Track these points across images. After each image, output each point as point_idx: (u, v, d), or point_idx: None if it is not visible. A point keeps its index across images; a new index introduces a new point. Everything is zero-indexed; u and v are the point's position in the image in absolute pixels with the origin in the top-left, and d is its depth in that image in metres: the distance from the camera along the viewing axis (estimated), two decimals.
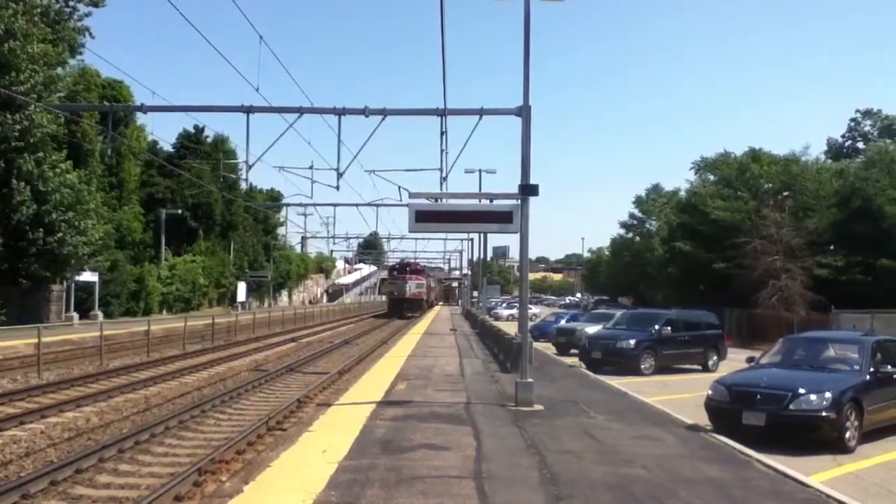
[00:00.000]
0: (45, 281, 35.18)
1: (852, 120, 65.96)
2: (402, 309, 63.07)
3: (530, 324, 22.18)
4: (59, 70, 34.84)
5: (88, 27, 41.08)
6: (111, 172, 47.25)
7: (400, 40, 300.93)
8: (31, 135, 31.17)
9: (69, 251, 33.12)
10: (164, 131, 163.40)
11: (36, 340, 19.85)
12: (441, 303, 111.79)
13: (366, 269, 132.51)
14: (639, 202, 69.64)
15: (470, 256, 70.20)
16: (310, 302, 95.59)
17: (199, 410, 13.83)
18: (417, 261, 77.87)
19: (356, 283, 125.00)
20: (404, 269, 67.69)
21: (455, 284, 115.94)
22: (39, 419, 12.97)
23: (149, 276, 49.62)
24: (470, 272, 72.42)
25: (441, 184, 20.46)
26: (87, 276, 38.26)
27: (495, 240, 57.92)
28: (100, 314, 38.87)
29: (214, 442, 11.27)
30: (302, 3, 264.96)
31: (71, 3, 40.39)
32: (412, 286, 65.14)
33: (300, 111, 18.95)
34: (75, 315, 37.23)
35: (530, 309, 25.57)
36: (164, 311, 51.51)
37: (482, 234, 44.23)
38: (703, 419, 12.37)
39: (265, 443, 11.06)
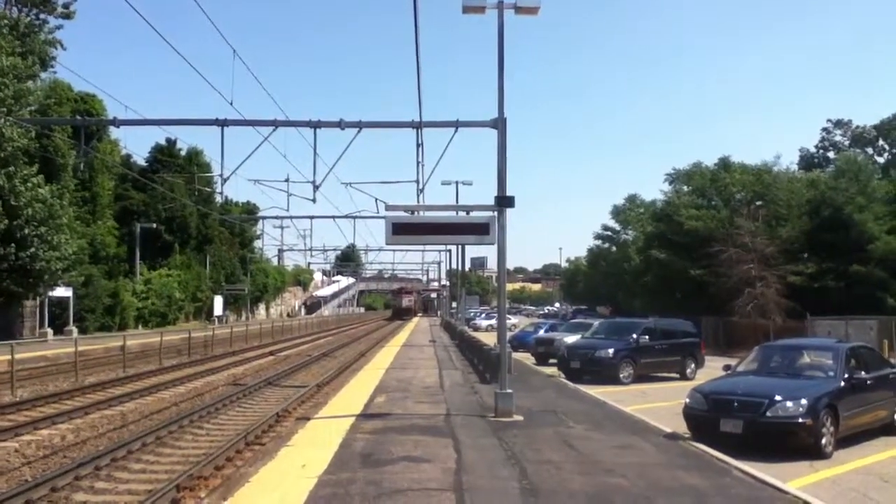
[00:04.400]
0: (18, 296, 34.74)
1: (824, 130, 67.04)
2: (401, 314, 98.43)
3: (509, 334, 22.20)
4: (30, 83, 34.51)
5: (60, 40, 40.86)
6: (84, 187, 46.78)
7: (375, 53, 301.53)
8: (2, 149, 30.81)
9: (42, 266, 32.72)
10: (137, 145, 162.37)
11: (9, 357, 19.54)
12: (420, 314, 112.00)
13: (344, 281, 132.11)
14: (616, 212, 70.06)
15: (448, 267, 70.52)
16: (287, 315, 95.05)
17: (176, 426, 13.69)
18: (410, 284, 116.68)
19: (334, 296, 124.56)
20: (401, 290, 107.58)
21: (433, 296, 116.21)
22: (13, 437, 12.76)
23: (124, 290, 49.14)
24: (448, 283, 72.63)
25: (418, 196, 20.52)
26: (61, 292, 37.84)
27: (473, 251, 59.42)
28: (74, 329, 38.44)
29: (192, 458, 11.15)
30: (276, 17, 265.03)
31: (41, 17, 40.12)
32: (406, 300, 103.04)
33: (275, 124, 18.87)
34: (49, 331, 36.80)
35: (509, 319, 25.63)
36: (140, 326, 50.98)
37: (460, 246, 44.33)
38: (681, 427, 12.45)
39: (244, 458, 10.97)
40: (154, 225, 55.35)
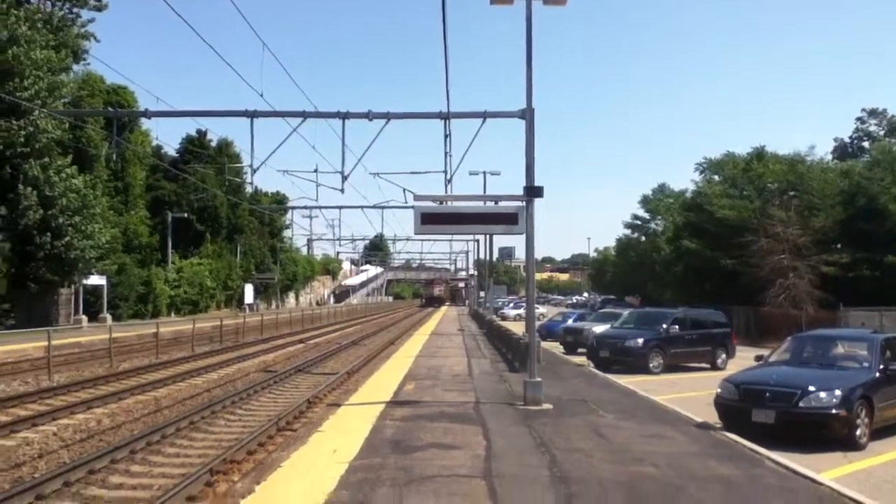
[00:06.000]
0: (54, 284, 35.37)
1: (858, 119, 65.87)
2: (432, 302, 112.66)
3: (538, 323, 22.14)
4: (63, 76, 35.00)
5: (93, 33, 41.41)
6: (117, 177, 47.47)
7: (403, 44, 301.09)
8: (37, 140, 31.35)
9: (76, 255, 33.29)
10: (168, 136, 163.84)
11: (46, 343, 19.96)
12: (448, 303, 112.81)
13: (372, 270, 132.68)
14: (645, 201, 69.49)
15: (476, 257, 70.64)
16: (317, 303, 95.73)
17: (209, 411, 13.88)
18: (439, 275, 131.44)
19: (363, 285, 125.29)
20: (432, 281, 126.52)
21: (461, 285, 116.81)
22: (51, 421, 13.04)
23: (156, 279, 49.84)
24: (476, 273, 72.73)
25: (446, 186, 20.52)
26: (95, 280, 38.44)
27: (501, 241, 59.97)
28: (108, 317, 39.06)
29: (225, 443, 11.31)
30: (304, 9, 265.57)
31: (75, 10, 40.66)
32: (437, 290, 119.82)
33: (304, 115, 18.98)
34: (84, 318, 37.41)
35: (537, 309, 25.58)
36: (172, 314, 51.69)
37: (488, 236, 44.28)
38: (712, 417, 12.37)
39: (276, 443, 11.10)
40: (185, 214, 55.98)
